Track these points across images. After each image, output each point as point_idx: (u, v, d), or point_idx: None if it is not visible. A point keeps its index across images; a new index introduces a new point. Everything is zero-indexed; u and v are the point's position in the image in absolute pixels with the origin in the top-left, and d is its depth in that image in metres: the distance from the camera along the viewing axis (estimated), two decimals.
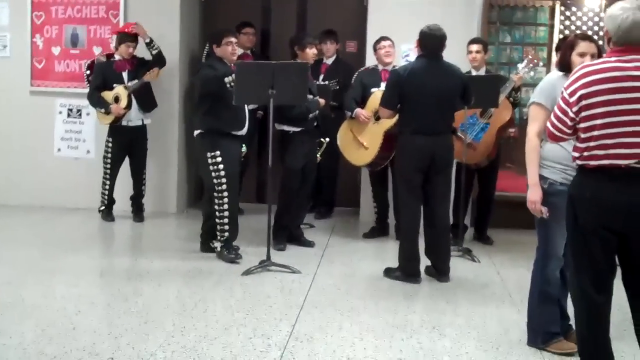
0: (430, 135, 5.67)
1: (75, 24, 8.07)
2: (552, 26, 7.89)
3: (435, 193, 5.82)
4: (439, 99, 5.68)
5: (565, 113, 3.56)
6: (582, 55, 4.21)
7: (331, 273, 5.98)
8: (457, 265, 6.13)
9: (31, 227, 7.34)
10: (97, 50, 8.01)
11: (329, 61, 7.90)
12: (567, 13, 7.83)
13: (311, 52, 6.66)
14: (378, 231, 7.31)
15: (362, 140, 6.93)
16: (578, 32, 7.68)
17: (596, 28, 7.71)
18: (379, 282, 5.77)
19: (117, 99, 7.36)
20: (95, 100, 7.45)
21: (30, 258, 6.13)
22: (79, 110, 8.12)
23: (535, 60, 6.74)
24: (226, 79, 5.99)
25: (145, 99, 7.53)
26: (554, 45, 7.40)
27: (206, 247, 6.45)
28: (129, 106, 7.36)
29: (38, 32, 8.11)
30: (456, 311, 5.12)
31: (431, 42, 5.75)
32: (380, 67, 7.11)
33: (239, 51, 6.68)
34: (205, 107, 6.18)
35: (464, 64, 6.66)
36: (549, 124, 3.71)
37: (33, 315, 4.73)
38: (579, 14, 7.81)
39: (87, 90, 7.66)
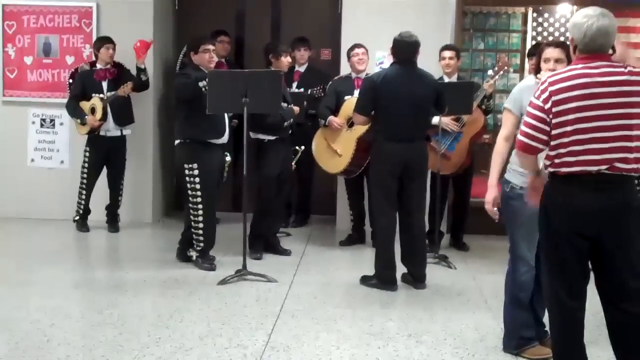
0: (404, 141, 5.68)
1: (48, 34, 7.99)
2: (525, 32, 7.96)
3: (410, 200, 5.83)
4: (412, 106, 5.70)
5: (542, 120, 3.50)
6: (545, 61, 4.27)
7: (308, 282, 5.96)
8: (433, 272, 6.14)
9: (5, 239, 7.26)
10: (70, 60, 7.94)
11: (302, 68, 7.87)
12: (540, 19, 7.90)
13: (286, 60, 6.68)
14: (354, 239, 7.30)
15: (336, 147, 6.93)
16: (551, 38, 7.76)
17: (568, 34, 7.76)
18: (355, 290, 5.77)
19: (93, 110, 7.31)
20: (72, 109, 7.40)
21: (4, 270, 6.06)
22: (52, 120, 8.04)
23: (506, 67, 6.76)
24: (200, 83, 5.95)
25: (122, 112, 7.43)
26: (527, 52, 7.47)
27: (182, 256, 6.41)
28: (104, 118, 7.29)
29: (10, 41, 8.02)
30: (432, 318, 5.13)
31: (404, 49, 5.77)
32: (353, 75, 7.14)
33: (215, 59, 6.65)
34: (183, 116, 6.15)
35: (437, 71, 6.69)
36: (521, 137, 3.59)
37: (7, 329, 4.68)
38: (551, 20, 7.89)
39: (60, 100, 7.59)
